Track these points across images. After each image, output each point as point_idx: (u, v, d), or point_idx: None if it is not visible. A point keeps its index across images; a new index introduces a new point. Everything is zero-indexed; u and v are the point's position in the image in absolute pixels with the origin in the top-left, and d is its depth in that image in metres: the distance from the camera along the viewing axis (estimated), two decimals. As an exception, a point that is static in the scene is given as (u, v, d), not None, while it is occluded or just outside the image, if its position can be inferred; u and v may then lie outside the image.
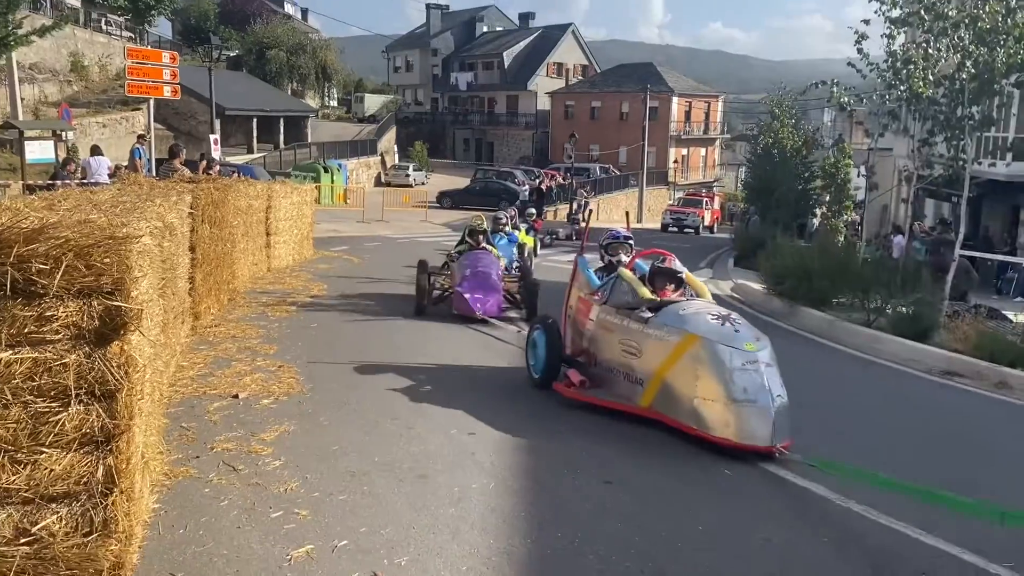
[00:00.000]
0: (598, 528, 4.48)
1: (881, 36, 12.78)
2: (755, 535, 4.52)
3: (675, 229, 36.97)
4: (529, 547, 4.19)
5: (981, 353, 9.61)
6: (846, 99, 13.19)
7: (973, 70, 11.27)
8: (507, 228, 13.92)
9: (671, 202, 43.93)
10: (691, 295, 6.90)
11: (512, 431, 6.11)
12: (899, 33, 12.68)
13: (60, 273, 3.29)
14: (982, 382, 9.14)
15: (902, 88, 12.24)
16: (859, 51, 12.93)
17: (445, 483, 4.97)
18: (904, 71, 12.14)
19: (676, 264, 6.97)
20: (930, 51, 11.88)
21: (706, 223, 38.58)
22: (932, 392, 8.95)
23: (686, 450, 5.78)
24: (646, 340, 6.26)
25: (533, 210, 19.55)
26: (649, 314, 6.39)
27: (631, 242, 8.04)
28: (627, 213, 11.94)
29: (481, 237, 11.59)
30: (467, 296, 10.28)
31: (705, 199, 41.68)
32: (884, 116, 13.21)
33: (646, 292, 6.64)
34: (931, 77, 11.93)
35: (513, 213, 16.70)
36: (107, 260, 3.39)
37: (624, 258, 7.68)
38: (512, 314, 10.99)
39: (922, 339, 10.64)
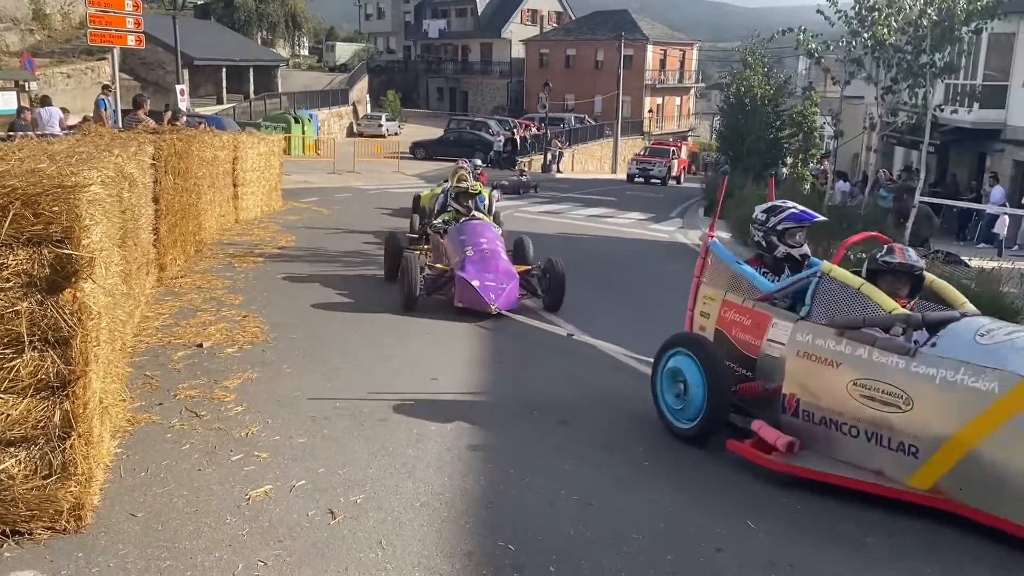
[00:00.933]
0: (551, 466, 4.64)
1: (849, -17, 12.82)
2: (699, 472, 4.70)
3: (641, 180, 36.29)
4: (482, 484, 4.35)
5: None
6: (814, 46, 13.22)
7: (935, 17, 11.33)
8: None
9: (638, 152, 42.46)
10: (927, 307, 4.74)
11: (474, 375, 6.26)
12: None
13: (7, 222, 3.34)
14: (936, 325, 9.37)
15: (867, 35, 12.29)
16: (828, -1, 12.95)
17: (404, 426, 5.11)
18: (869, 18, 12.18)
19: (911, 256, 4.75)
20: (894, -2, 11.94)
21: (673, 173, 37.73)
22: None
23: (644, 395, 5.92)
24: (920, 385, 4.13)
25: (478, 161, 17.08)
26: (919, 340, 4.29)
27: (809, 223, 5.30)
28: (771, 176, 9.24)
29: (472, 203, 9.52)
30: (476, 284, 7.95)
31: (672, 149, 40.24)
32: (850, 64, 13.27)
33: (897, 305, 4.44)
34: (895, 24, 11.99)
35: (470, 166, 14.14)
36: (55, 209, 3.44)
37: (805, 248, 5.28)
38: (527, 302, 8.78)
39: (881, 284, 10.85)
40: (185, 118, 20.94)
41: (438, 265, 8.68)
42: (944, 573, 3.70)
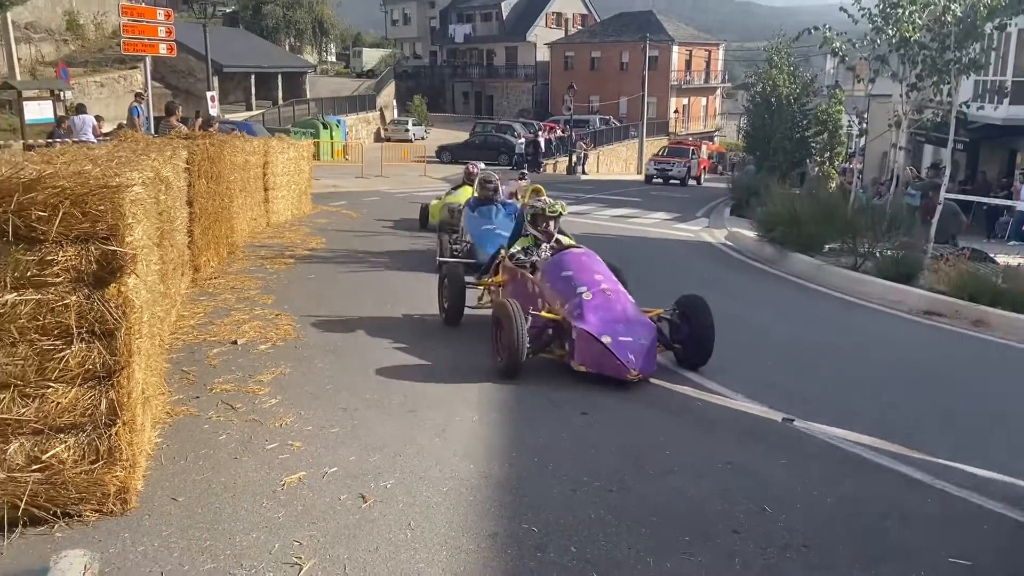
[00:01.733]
0: (573, 454, 4.77)
1: (872, -21, 12.82)
2: (718, 460, 4.81)
3: (660, 180, 35.25)
4: (507, 471, 4.49)
5: (961, 293, 9.84)
6: (838, 44, 13.23)
7: (959, 13, 11.32)
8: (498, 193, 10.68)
9: (656, 152, 40.67)
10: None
11: (494, 366, 6.39)
12: (890, -24, 12.68)
13: (58, 220, 3.55)
14: (961, 320, 9.39)
15: (891, 32, 12.28)
16: (851, -4, 12.95)
17: (432, 417, 5.27)
18: (893, 15, 12.18)
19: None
20: (917, -6, 11.94)
21: (693, 173, 36.39)
22: (908, 330, 9.21)
23: (664, 390, 6.03)
24: None
25: (482, 164, 15.55)
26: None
27: None
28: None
29: (554, 225, 7.40)
30: (607, 341, 6.00)
31: (691, 148, 38.91)
32: (874, 61, 13.27)
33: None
34: (919, 21, 11.98)
35: (479, 171, 13.32)
36: (102, 207, 3.65)
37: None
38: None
39: (906, 281, 10.87)
40: (218, 124, 21.37)
41: (544, 313, 6.42)
42: None
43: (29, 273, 3.61)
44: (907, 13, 12.06)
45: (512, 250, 7.51)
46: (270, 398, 5.47)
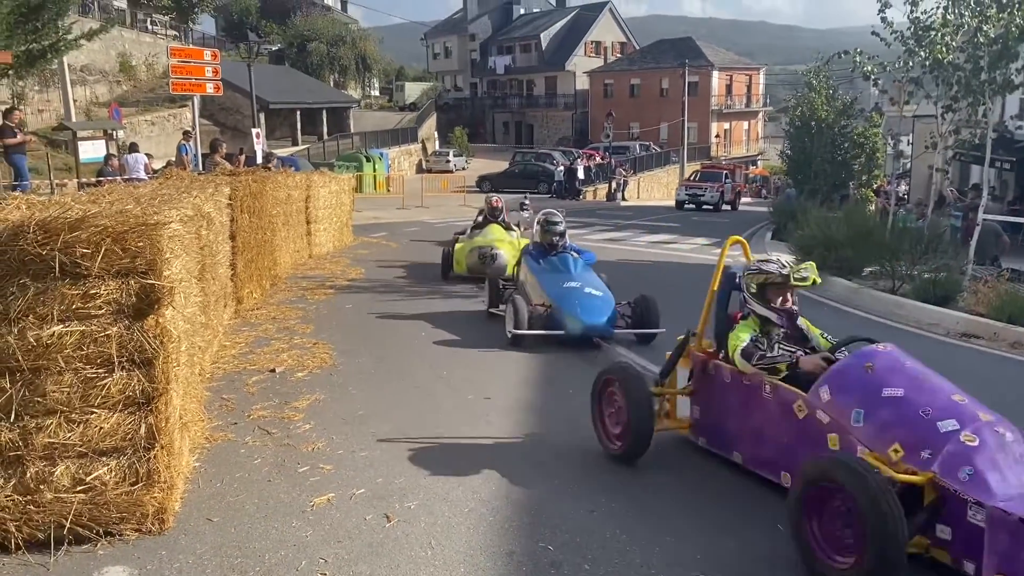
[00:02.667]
0: (593, 475, 4.90)
1: (904, 3, 12.84)
2: (734, 483, 4.88)
3: (692, 206, 33.63)
4: (527, 492, 4.63)
5: (1000, 315, 9.73)
6: (869, 68, 13.25)
7: (992, 35, 11.30)
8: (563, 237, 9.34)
9: (687, 176, 39.27)
10: None
11: (524, 394, 6.56)
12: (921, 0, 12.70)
13: (100, 256, 3.81)
14: (998, 343, 9.29)
15: (924, 54, 12.28)
16: (883, 19, 12.98)
17: (458, 443, 5.43)
18: (926, 38, 12.19)
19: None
20: (949, 16, 11.92)
21: (726, 198, 34.50)
22: (944, 352, 9.13)
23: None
24: None
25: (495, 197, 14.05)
26: None
27: None
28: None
29: (791, 297, 4.92)
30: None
31: (725, 172, 36.77)
32: (908, 83, 13.25)
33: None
34: (952, 43, 11.97)
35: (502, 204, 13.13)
36: (140, 244, 3.90)
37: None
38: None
39: (944, 303, 10.77)
40: (276, 160, 22.14)
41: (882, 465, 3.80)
42: None
43: (74, 306, 3.87)
44: (939, 35, 12.05)
45: (740, 340, 4.77)
46: (304, 424, 5.68)
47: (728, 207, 34.57)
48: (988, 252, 13.43)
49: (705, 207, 33.31)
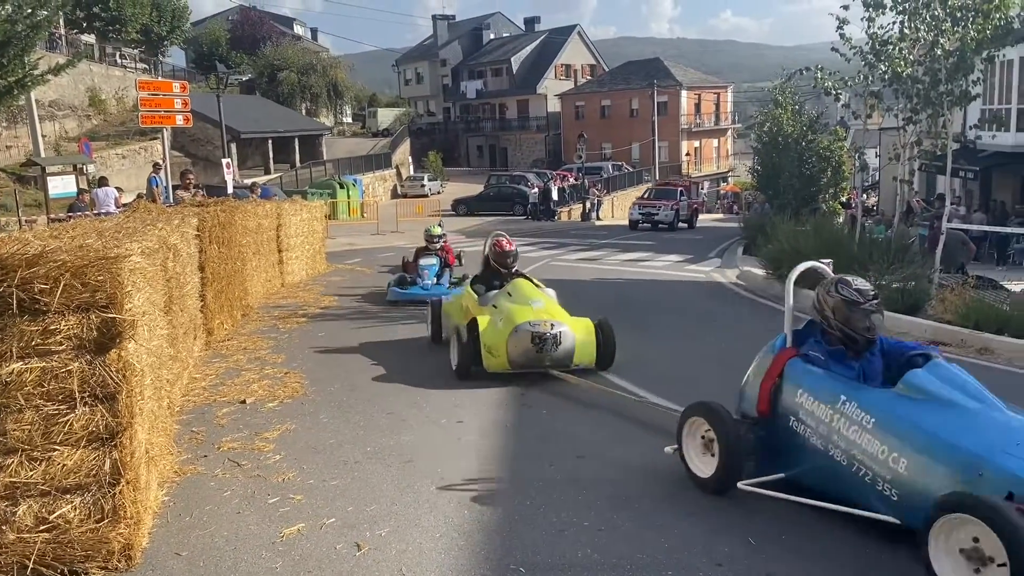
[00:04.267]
0: (566, 495, 4.89)
1: (861, 19, 13.09)
2: (706, 498, 4.89)
3: (647, 225, 31.87)
4: (499, 515, 4.62)
5: (967, 322, 9.86)
6: (830, 84, 13.47)
7: (948, 47, 11.54)
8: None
9: (640, 195, 37.00)
10: None
11: (497, 417, 6.54)
12: (878, 15, 12.94)
13: (59, 291, 3.79)
14: (966, 349, 9.41)
15: (883, 68, 12.51)
16: (841, 36, 13.21)
17: (430, 466, 5.41)
18: (884, 52, 12.43)
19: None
20: (906, 31, 12.17)
21: (682, 216, 32.87)
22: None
23: (655, 431, 6.14)
24: None
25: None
26: None
27: None
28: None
29: None
30: None
31: (679, 189, 35.14)
32: (869, 97, 13.49)
33: None
34: (910, 56, 12.22)
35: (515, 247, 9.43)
36: (100, 278, 3.89)
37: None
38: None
39: (913, 312, 10.90)
40: (260, 189, 22.11)
41: None
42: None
43: (34, 342, 3.84)
44: (897, 49, 12.30)
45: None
46: (275, 454, 5.64)
47: (684, 225, 33.34)
48: (955, 260, 13.63)
49: (660, 226, 31.91)
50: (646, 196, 35.22)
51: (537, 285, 8.77)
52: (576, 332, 7.88)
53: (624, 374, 7.89)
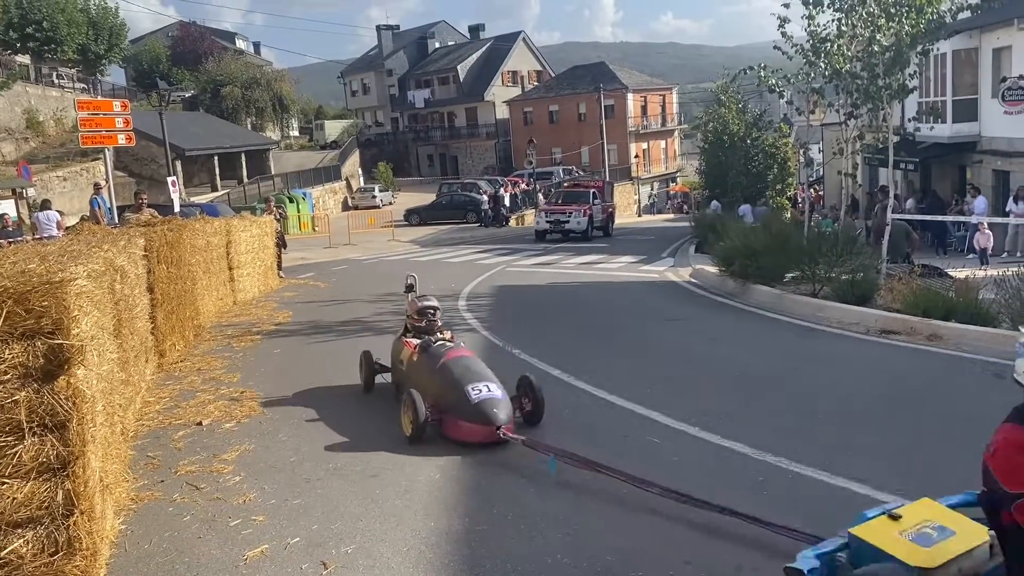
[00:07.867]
0: (533, 505, 4.87)
1: (801, 17, 13.36)
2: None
3: (557, 235, 27.22)
4: (467, 525, 4.58)
5: (915, 310, 10.08)
6: (773, 82, 13.70)
7: (885, 43, 11.82)
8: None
9: (547, 199, 32.12)
10: None
11: (460, 427, 6.48)
12: (818, 13, 13.22)
13: (2, 319, 3.66)
14: (916, 336, 9.61)
15: (823, 65, 12.77)
16: (783, 34, 13.47)
17: (394, 479, 5.35)
18: (823, 48, 12.68)
19: None
20: (843, 28, 12.44)
21: (596, 222, 28.01)
22: (862, 350, 9.40)
23: (617, 432, 6.16)
24: None
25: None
26: None
27: None
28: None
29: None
30: None
31: (592, 190, 29.26)
32: (811, 93, 13.76)
33: None
34: (848, 53, 12.49)
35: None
36: (45, 303, 3.77)
37: None
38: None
39: (863, 303, 11.12)
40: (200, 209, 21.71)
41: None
42: None
43: (-24, 373, 3.70)
44: (836, 46, 12.57)
45: None
46: (234, 476, 5.53)
47: (600, 232, 28.50)
48: (900, 250, 13.92)
49: (572, 235, 27.07)
50: (554, 201, 30.07)
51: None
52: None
53: (589, 379, 7.90)
